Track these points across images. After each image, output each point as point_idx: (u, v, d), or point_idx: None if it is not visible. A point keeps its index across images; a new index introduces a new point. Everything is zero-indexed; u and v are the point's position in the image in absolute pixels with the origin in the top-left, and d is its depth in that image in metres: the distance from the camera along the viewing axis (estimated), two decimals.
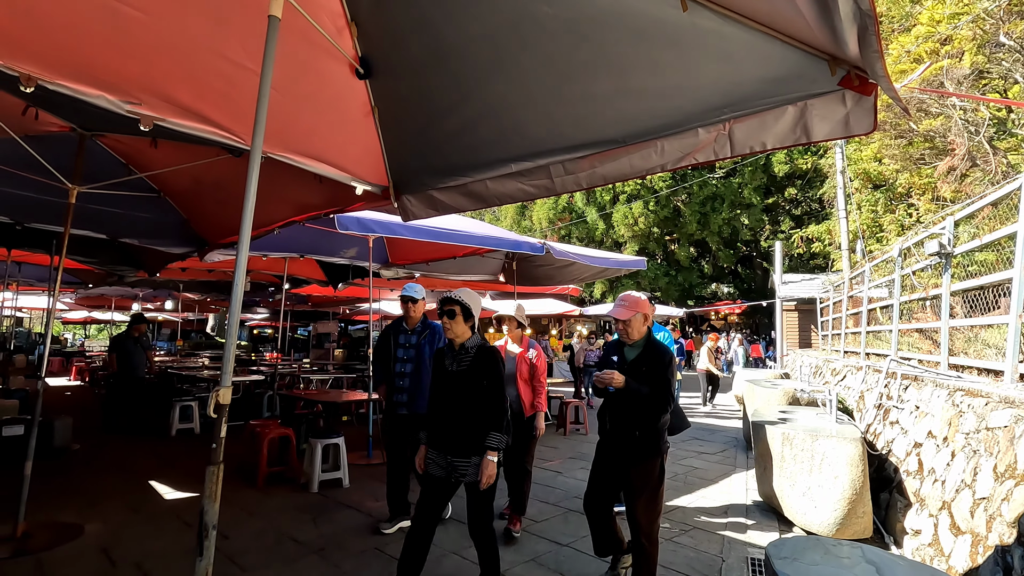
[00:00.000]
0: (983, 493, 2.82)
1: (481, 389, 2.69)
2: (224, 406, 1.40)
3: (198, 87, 2.36)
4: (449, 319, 2.74)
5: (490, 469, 2.61)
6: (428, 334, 4.13)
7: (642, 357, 3.05)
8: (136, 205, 4.87)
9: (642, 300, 3.15)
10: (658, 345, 3.08)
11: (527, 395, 4.04)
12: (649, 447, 2.98)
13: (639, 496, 2.95)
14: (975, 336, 4.71)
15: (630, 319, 3.08)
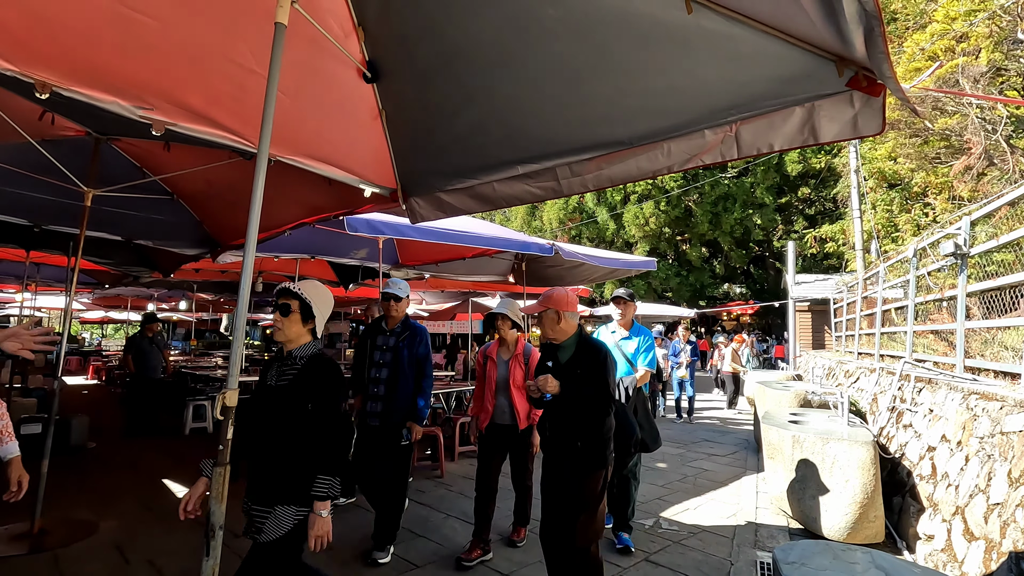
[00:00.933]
0: (997, 498, 2.77)
1: (303, 414, 2.01)
2: (231, 408, 1.42)
3: (209, 92, 2.39)
4: (281, 316, 2.09)
5: (319, 527, 1.96)
6: (408, 336, 3.71)
7: (575, 358, 2.74)
8: (150, 207, 4.94)
9: (559, 295, 2.78)
10: (591, 343, 2.78)
11: (521, 404, 3.63)
12: (593, 458, 2.67)
13: (579, 512, 2.61)
14: (992, 338, 4.63)
15: (541, 315, 2.74)
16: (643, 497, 5.05)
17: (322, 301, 2.18)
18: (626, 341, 4.15)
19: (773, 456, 4.57)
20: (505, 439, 3.67)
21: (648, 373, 4.04)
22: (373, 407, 3.61)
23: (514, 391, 3.65)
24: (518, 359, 3.71)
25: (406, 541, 3.84)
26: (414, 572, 3.39)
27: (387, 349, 3.69)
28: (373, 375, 3.65)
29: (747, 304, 23.91)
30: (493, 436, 3.69)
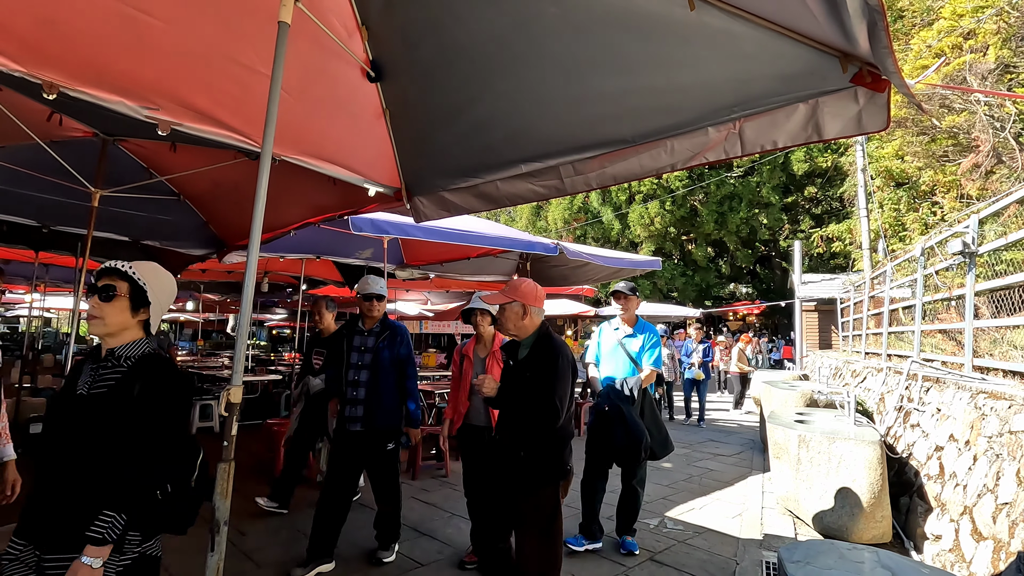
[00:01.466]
0: (1006, 498, 2.75)
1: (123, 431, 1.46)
2: (235, 405, 1.43)
3: (213, 92, 2.41)
4: (101, 300, 1.55)
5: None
6: (388, 336, 3.50)
7: (528, 359, 2.50)
8: (157, 208, 4.98)
9: (527, 287, 2.55)
10: (547, 344, 2.51)
11: None
12: (537, 471, 2.42)
13: (528, 533, 2.39)
14: (1001, 337, 4.59)
15: (505, 307, 2.52)
16: (648, 497, 5.03)
17: (161, 287, 1.65)
18: (630, 339, 3.95)
19: (779, 456, 4.55)
20: (482, 441, 3.42)
21: (654, 373, 3.86)
22: (353, 411, 3.38)
23: None
24: (495, 356, 3.45)
25: (410, 540, 3.84)
26: (419, 571, 3.39)
27: (365, 350, 3.48)
28: (351, 378, 3.41)
29: (753, 304, 23.79)
30: (470, 437, 3.49)
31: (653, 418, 3.78)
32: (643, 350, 3.90)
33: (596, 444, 3.75)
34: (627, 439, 3.52)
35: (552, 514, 2.44)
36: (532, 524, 2.40)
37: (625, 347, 3.92)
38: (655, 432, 3.72)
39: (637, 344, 3.90)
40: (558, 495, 2.48)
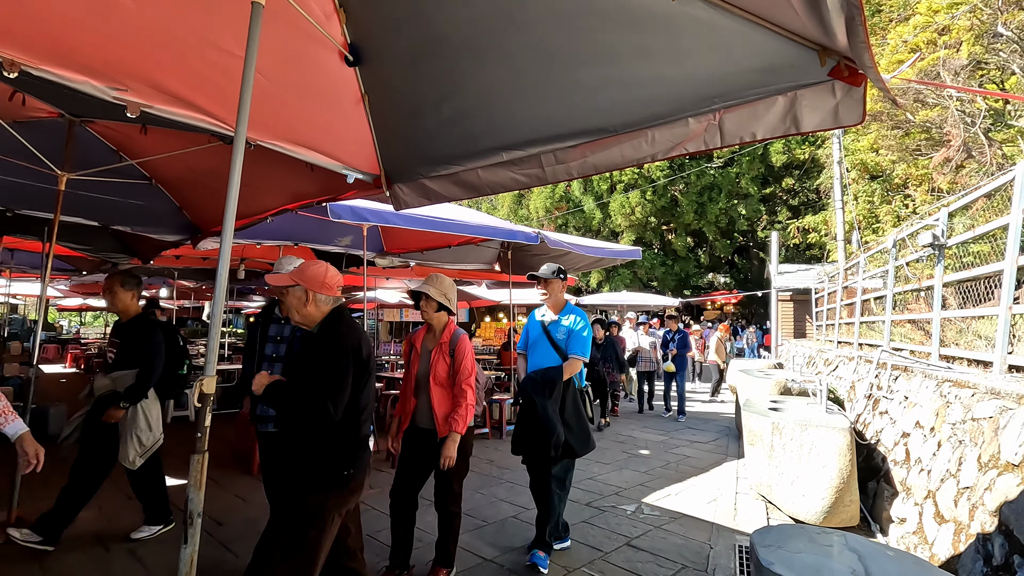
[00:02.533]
0: (967, 482, 2.85)
1: None
2: (208, 395, 1.41)
3: (185, 74, 2.34)
4: None
5: None
6: None
7: (308, 349, 2.22)
8: (127, 192, 4.84)
9: (313, 271, 2.24)
10: (331, 332, 2.18)
11: (443, 406, 2.98)
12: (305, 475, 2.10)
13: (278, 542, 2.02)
14: (967, 327, 4.74)
15: (287, 291, 2.25)
16: (625, 483, 5.12)
17: None
18: (555, 326, 3.59)
19: (753, 442, 4.65)
20: (427, 447, 3.01)
21: (578, 362, 3.44)
22: (265, 410, 3.00)
23: (435, 389, 2.99)
24: (443, 349, 3.03)
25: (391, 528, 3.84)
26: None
27: (281, 340, 3.06)
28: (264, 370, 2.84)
29: (731, 294, 24.17)
30: (413, 441, 3.08)
31: (575, 413, 3.44)
32: (569, 337, 3.51)
33: (515, 440, 3.51)
34: (536, 435, 3.28)
35: (311, 527, 2.03)
36: (290, 531, 2.02)
37: (550, 335, 3.57)
38: (575, 428, 3.39)
39: (562, 331, 3.55)
40: (325, 507, 2.05)
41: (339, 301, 2.32)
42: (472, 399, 2.98)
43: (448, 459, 2.88)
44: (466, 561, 3.39)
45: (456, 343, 3.05)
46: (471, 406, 2.97)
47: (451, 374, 3.01)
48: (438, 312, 3.09)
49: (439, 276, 3.10)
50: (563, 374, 3.38)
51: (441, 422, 2.96)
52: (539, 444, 3.30)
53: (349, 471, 2.14)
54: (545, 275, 3.64)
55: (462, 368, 2.99)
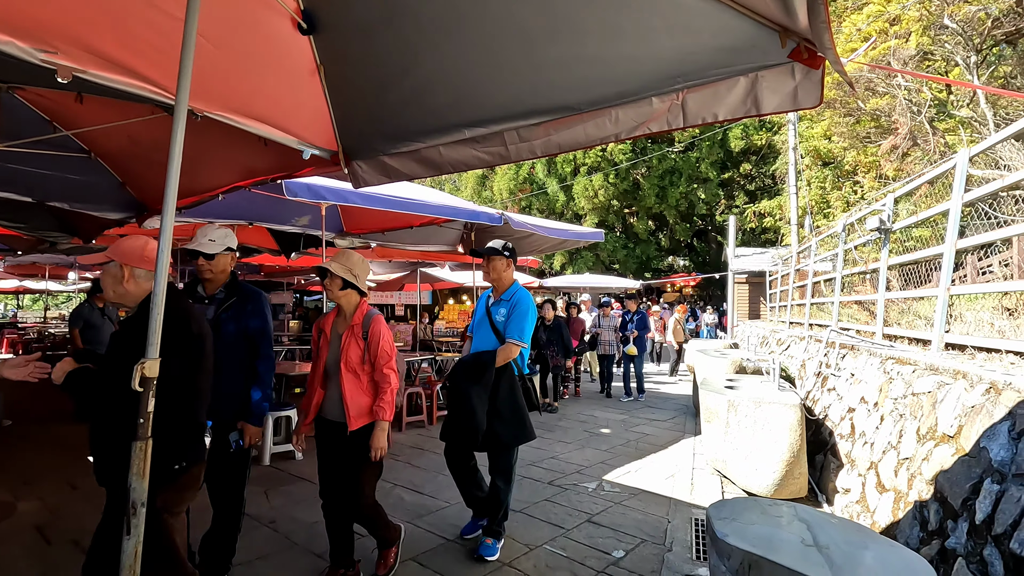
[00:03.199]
0: (906, 454, 3.02)
1: None
2: (151, 379, 1.32)
3: (124, 37, 2.17)
4: None
5: None
6: (234, 305, 2.78)
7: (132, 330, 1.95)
8: (64, 166, 4.52)
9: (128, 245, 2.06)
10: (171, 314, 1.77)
11: (355, 396, 2.69)
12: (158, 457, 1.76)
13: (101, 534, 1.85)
14: (908, 308, 4.99)
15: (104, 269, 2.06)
16: (587, 462, 5.21)
17: None
18: (496, 307, 3.36)
19: (710, 420, 4.80)
20: (338, 442, 2.76)
21: (514, 347, 3.23)
22: None
23: (347, 376, 2.70)
24: (354, 332, 2.74)
25: None
26: (361, 541, 3.37)
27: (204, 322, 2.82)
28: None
29: (690, 276, 24.76)
30: (324, 437, 2.85)
31: (511, 401, 3.24)
32: (509, 320, 3.29)
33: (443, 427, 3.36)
34: (461, 423, 3.14)
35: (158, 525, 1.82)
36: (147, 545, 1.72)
37: (491, 316, 3.36)
38: (508, 417, 3.21)
39: (502, 313, 3.33)
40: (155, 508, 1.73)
41: None
42: (395, 384, 2.72)
43: (378, 450, 2.66)
44: (428, 543, 3.39)
45: (369, 324, 2.76)
46: (395, 390, 2.72)
47: (365, 360, 2.73)
48: (344, 291, 2.78)
49: (347, 252, 2.82)
50: (496, 359, 3.18)
51: (353, 414, 2.66)
52: (462, 433, 3.17)
53: (181, 464, 1.94)
54: (486, 252, 3.41)
55: (380, 352, 2.71)
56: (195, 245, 2.69)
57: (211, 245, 2.72)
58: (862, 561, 1.95)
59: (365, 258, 2.79)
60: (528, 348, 3.33)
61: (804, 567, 1.89)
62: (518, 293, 3.38)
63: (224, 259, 2.79)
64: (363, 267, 2.81)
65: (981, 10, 8.37)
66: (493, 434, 3.17)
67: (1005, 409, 2.29)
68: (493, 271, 3.41)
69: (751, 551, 1.98)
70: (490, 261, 3.40)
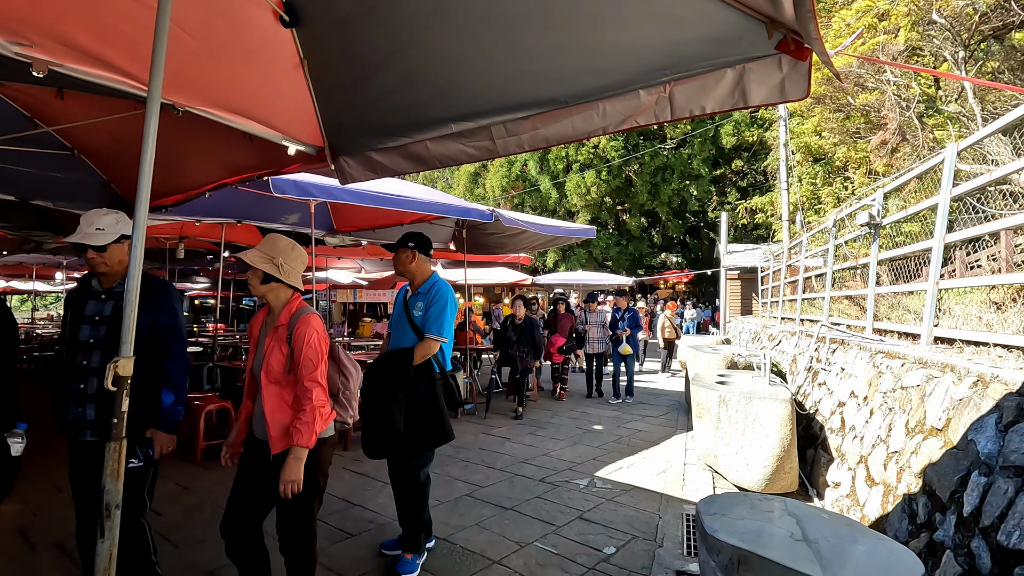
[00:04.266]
0: (896, 447, 3.02)
1: None
2: (124, 378, 1.29)
3: (101, 29, 2.12)
4: None
5: None
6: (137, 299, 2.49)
7: None
8: (47, 164, 4.46)
9: None
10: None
11: (277, 412, 2.19)
12: None
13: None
14: (898, 302, 5.01)
15: None
16: (579, 458, 5.21)
17: None
18: (414, 301, 3.16)
19: (701, 415, 4.80)
20: (262, 465, 2.24)
21: (434, 343, 3.02)
22: (79, 413, 2.28)
23: (267, 388, 2.20)
24: (279, 334, 2.24)
25: (341, 511, 3.78)
26: (350, 541, 3.34)
27: (100, 320, 2.34)
28: (80, 362, 2.30)
29: (682, 272, 24.84)
30: (248, 457, 2.35)
31: (430, 402, 3.03)
32: (425, 314, 3.08)
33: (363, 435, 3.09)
34: (378, 427, 2.93)
35: None
36: None
37: (408, 310, 3.15)
38: (425, 418, 3.00)
39: (420, 307, 3.13)
40: None
41: None
42: (320, 400, 2.17)
43: (289, 484, 2.09)
44: None
45: (295, 325, 2.22)
46: (321, 408, 2.18)
47: (290, 368, 2.21)
48: (268, 285, 2.26)
49: (273, 237, 2.33)
50: (413, 356, 2.97)
51: (275, 434, 2.16)
52: (377, 437, 2.99)
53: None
54: (399, 244, 3.22)
55: (304, 359, 2.17)
56: (79, 237, 2.28)
57: (100, 236, 2.31)
58: (851, 555, 1.94)
59: (297, 244, 2.35)
60: (450, 343, 3.14)
61: (793, 562, 1.88)
62: (436, 285, 3.17)
63: (119, 249, 2.37)
64: (293, 255, 2.31)
65: (969, 5, 8.42)
66: (409, 436, 2.96)
67: (992, 402, 2.29)
68: (399, 264, 3.25)
69: (740, 546, 1.97)
70: (400, 255, 3.24)
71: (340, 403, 2.54)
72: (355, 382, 2.59)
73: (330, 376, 2.47)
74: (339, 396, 2.53)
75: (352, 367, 2.60)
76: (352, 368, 2.60)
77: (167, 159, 4.14)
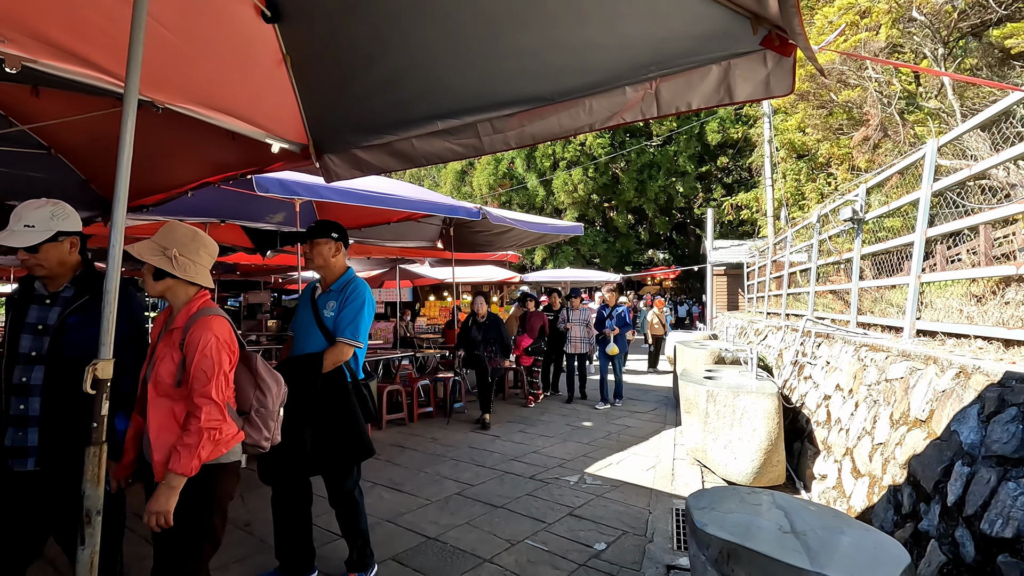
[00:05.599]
0: (881, 439, 3.06)
1: None
2: (103, 381, 1.25)
3: (75, 24, 2.07)
4: None
5: None
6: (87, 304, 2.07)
7: None
8: (24, 163, 4.35)
9: None
10: None
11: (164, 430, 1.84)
12: None
13: None
14: (881, 296, 5.08)
15: None
16: (568, 455, 5.21)
17: None
18: (324, 299, 2.81)
19: (690, 410, 4.83)
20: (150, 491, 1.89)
21: (347, 348, 2.69)
22: (19, 438, 1.96)
23: (154, 402, 1.86)
24: (172, 339, 1.90)
25: (330, 512, 3.73)
26: (340, 542, 3.31)
27: (44, 330, 2.02)
28: (17, 379, 1.98)
29: (670, 269, 25.00)
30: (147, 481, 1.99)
31: (344, 414, 2.71)
32: (338, 315, 2.74)
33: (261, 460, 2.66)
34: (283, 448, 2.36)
35: None
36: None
37: (318, 311, 2.79)
38: (341, 433, 2.70)
39: (332, 307, 2.77)
40: None
41: None
42: (212, 420, 1.80)
43: (154, 516, 1.72)
44: (410, 541, 3.35)
45: (190, 329, 1.87)
46: (212, 430, 1.80)
47: (180, 379, 1.84)
48: (161, 282, 1.91)
49: (172, 225, 1.98)
50: (322, 363, 2.64)
51: (158, 458, 1.80)
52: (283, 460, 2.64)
53: None
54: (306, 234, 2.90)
55: (195, 370, 1.82)
56: (4, 236, 1.97)
57: (29, 234, 1.96)
58: (838, 546, 1.96)
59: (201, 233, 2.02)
60: (364, 348, 2.82)
61: (781, 554, 1.89)
62: (352, 283, 2.83)
63: (57, 248, 2.04)
64: (193, 246, 1.95)
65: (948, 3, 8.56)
66: (326, 456, 2.68)
67: (974, 393, 2.33)
68: (318, 256, 2.84)
69: (729, 540, 1.98)
70: (314, 245, 2.84)
71: (253, 423, 2.06)
72: (275, 398, 2.12)
73: (243, 390, 2.06)
74: (252, 415, 2.07)
75: (272, 380, 2.13)
76: (272, 382, 2.12)
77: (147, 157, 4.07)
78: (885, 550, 1.91)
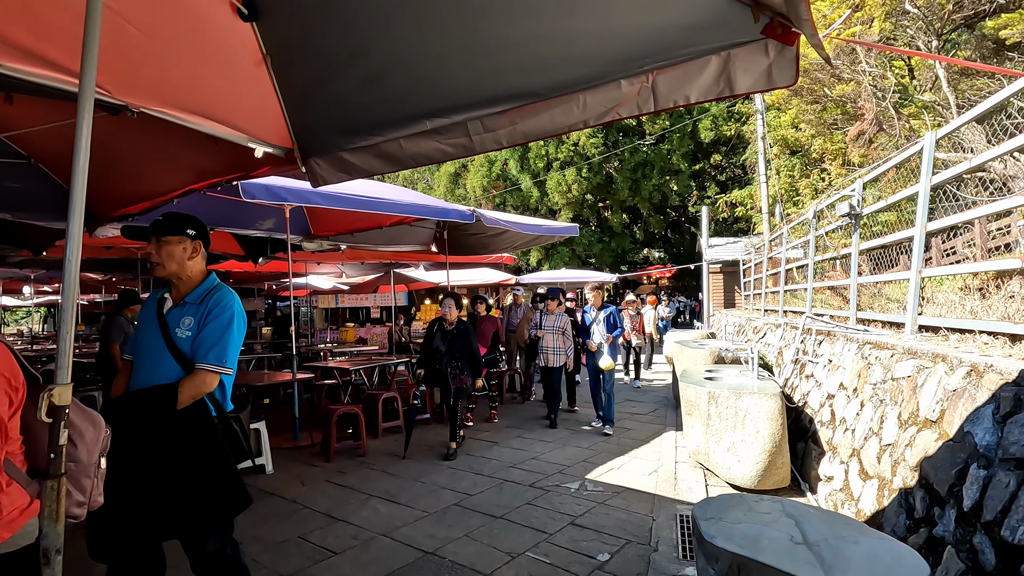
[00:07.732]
0: (889, 440, 2.98)
1: None
2: (61, 408, 1.14)
3: (39, 24, 1.96)
4: None
5: None
6: None
7: None
8: (3, 173, 4.24)
9: None
10: None
11: None
12: None
13: None
14: (879, 292, 5.01)
15: None
16: (569, 461, 5.11)
17: None
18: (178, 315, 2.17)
19: (690, 412, 4.74)
20: None
21: (211, 377, 2.08)
22: None
23: None
24: None
25: (324, 527, 3.63)
26: (332, 559, 3.21)
27: None
28: None
29: (665, 268, 24.95)
30: None
31: (210, 458, 2.08)
32: (198, 335, 2.12)
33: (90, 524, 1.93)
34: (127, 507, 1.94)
35: None
36: None
37: (168, 331, 2.14)
38: (209, 483, 2.07)
39: (189, 324, 2.14)
40: None
41: None
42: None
43: None
44: (406, 556, 3.24)
45: None
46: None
47: None
48: None
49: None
50: (177, 397, 2.02)
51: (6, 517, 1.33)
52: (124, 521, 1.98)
53: None
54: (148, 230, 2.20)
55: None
56: None
57: None
58: (852, 557, 1.87)
59: None
60: (232, 375, 2.19)
61: (794, 567, 1.80)
62: (217, 293, 2.21)
63: None
64: None
65: None
66: (187, 514, 2.03)
67: (988, 392, 2.24)
68: (168, 259, 2.17)
69: (739, 553, 1.89)
70: (162, 245, 2.17)
71: None
72: (90, 446, 1.54)
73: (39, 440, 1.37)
74: None
75: (84, 422, 1.55)
76: (84, 424, 1.55)
77: (129, 165, 3.95)
78: (901, 561, 1.82)
